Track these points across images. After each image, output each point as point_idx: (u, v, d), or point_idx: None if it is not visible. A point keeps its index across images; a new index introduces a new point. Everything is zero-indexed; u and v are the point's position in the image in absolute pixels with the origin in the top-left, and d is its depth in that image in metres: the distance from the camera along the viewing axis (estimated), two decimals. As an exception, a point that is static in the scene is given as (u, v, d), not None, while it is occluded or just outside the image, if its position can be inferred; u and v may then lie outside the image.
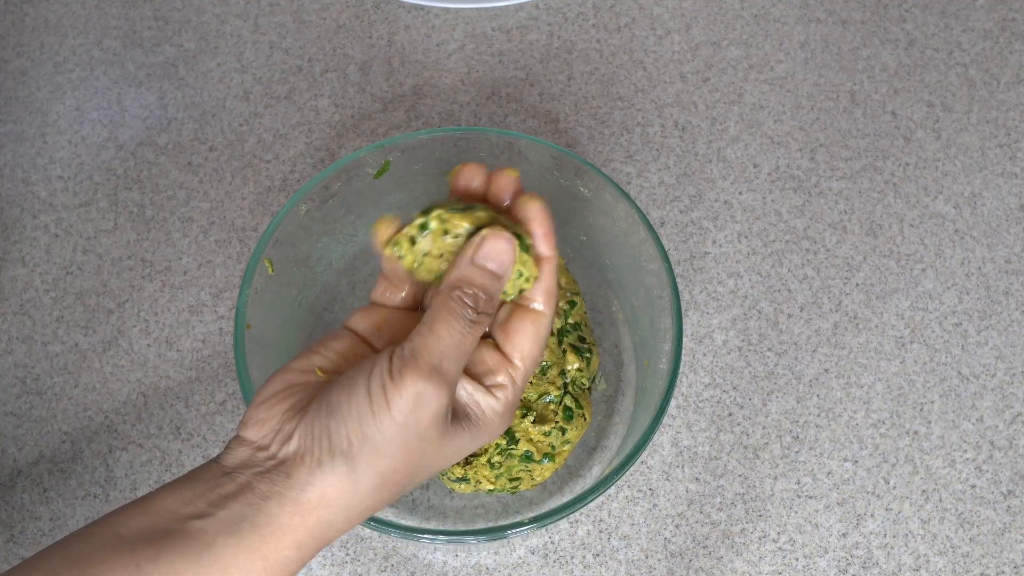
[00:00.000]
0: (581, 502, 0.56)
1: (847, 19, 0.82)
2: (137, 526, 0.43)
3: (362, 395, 0.44)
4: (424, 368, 0.44)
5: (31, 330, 0.70)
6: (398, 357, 0.45)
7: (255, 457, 0.45)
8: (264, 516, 0.43)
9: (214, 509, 0.43)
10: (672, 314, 0.60)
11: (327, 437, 0.44)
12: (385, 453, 0.44)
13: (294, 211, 0.63)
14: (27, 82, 0.79)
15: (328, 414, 0.44)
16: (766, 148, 0.76)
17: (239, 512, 0.43)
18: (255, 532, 0.43)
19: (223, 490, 0.44)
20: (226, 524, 0.43)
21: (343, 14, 0.81)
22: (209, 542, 0.42)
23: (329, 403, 0.45)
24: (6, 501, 0.65)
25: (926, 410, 0.68)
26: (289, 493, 0.43)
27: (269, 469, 0.44)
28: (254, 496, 0.43)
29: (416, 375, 0.44)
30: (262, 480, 0.44)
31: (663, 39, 0.80)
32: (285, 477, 0.44)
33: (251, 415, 0.46)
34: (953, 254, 0.73)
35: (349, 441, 0.44)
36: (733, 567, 0.64)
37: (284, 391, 0.47)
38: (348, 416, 0.44)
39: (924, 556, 0.64)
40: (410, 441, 0.44)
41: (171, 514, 0.43)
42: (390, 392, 0.44)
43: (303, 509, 0.44)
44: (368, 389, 0.44)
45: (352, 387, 0.45)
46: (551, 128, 0.77)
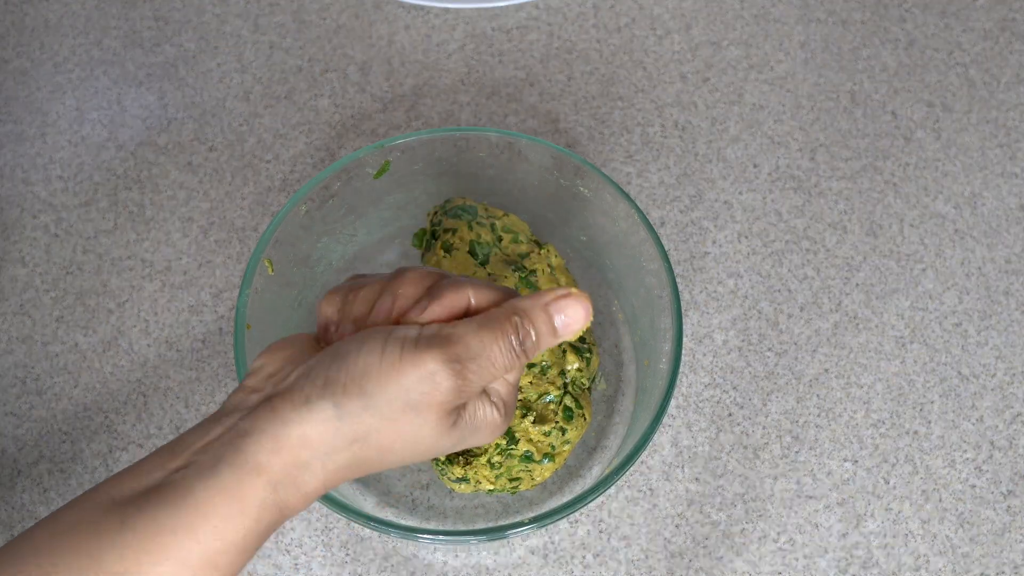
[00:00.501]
0: (581, 502, 0.56)
1: (847, 19, 0.82)
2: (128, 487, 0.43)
3: (374, 350, 0.44)
4: (450, 353, 0.44)
5: (31, 330, 0.70)
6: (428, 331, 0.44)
7: (247, 399, 0.45)
8: (241, 456, 0.43)
9: (197, 456, 0.43)
10: (672, 314, 0.60)
11: (323, 378, 0.44)
12: (377, 411, 0.43)
13: (294, 211, 0.63)
14: (27, 82, 0.79)
15: (332, 359, 0.44)
16: (766, 148, 0.76)
17: (219, 453, 0.43)
18: (231, 472, 0.42)
19: (209, 436, 0.44)
20: (204, 468, 0.42)
21: (343, 14, 0.81)
22: (188, 488, 0.42)
23: (338, 350, 0.44)
24: (6, 501, 0.65)
25: (926, 410, 0.68)
26: (269, 428, 0.43)
27: (256, 406, 0.44)
28: (235, 435, 0.43)
29: (440, 355, 0.43)
30: (246, 419, 0.43)
31: (663, 39, 0.80)
32: (270, 411, 0.43)
33: (254, 364, 0.47)
34: (953, 254, 0.73)
35: (345, 388, 0.43)
36: (733, 567, 0.64)
37: (290, 342, 0.47)
38: (352, 365, 0.43)
39: (924, 556, 0.64)
40: (405, 412, 0.44)
41: (160, 470, 0.43)
42: (406, 358, 0.43)
43: (280, 445, 0.43)
44: (383, 347, 0.44)
45: (365, 341, 0.44)
46: (551, 128, 0.77)
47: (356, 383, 0.43)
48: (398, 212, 0.70)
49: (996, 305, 0.71)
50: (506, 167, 0.67)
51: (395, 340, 0.44)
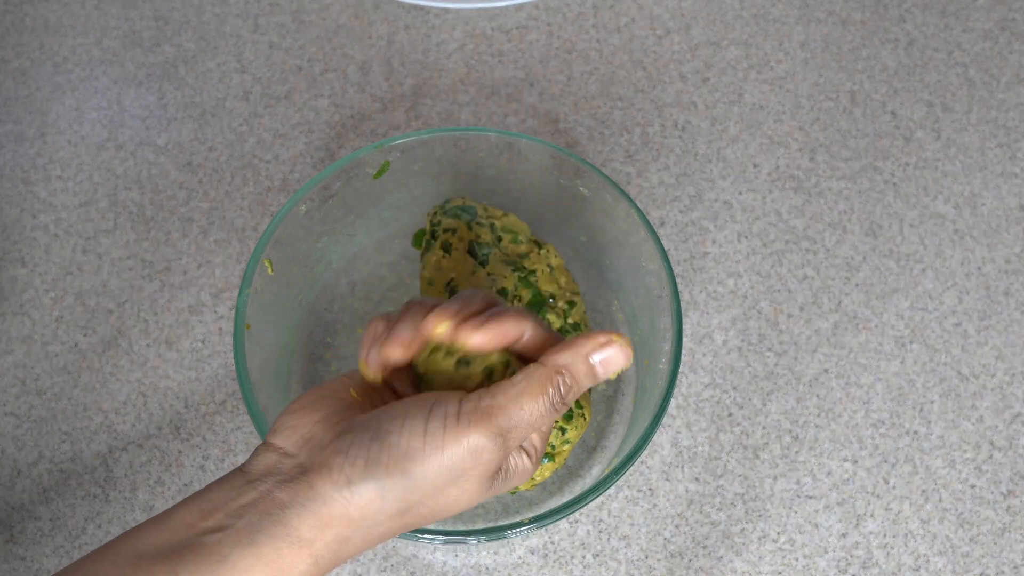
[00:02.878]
0: (581, 502, 0.56)
1: (847, 19, 0.82)
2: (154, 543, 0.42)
3: (417, 431, 0.43)
4: (493, 428, 0.43)
5: (31, 330, 0.70)
6: (471, 404, 0.44)
7: (280, 464, 0.44)
8: (282, 527, 0.42)
9: (232, 520, 0.42)
10: (672, 314, 0.60)
11: (364, 459, 0.43)
12: (420, 490, 0.43)
13: (294, 211, 0.63)
14: (27, 82, 0.79)
15: (372, 437, 0.43)
16: (766, 148, 0.76)
17: (256, 522, 0.42)
18: (271, 544, 0.42)
19: (243, 499, 0.43)
20: (242, 535, 0.42)
21: (343, 14, 0.81)
22: (225, 555, 0.41)
23: (377, 426, 0.44)
24: (6, 501, 0.65)
25: (926, 410, 0.68)
26: (310, 505, 0.42)
27: (292, 477, 0.43)
28: (272, 505, 0.42)
29: (483, 431, 0.43)
30: (283, 488, 0.43)
31: (663, 39, 0.80)
32: (308, 488, 0.43)
33: (281, 422, 0.45)
34: (953, 254, 0.73)
35: (387, 469, 0.43)
36: (733, 567, 0.64)
37: (318, 402, 0.46)
38: (395, 445, 0.43)
39: (924, 556, 0.64)
40: (449, 487, 0.44)
41: (188, 528, 0.42)
42: (449, 436, 0.43)
43: (323, 523, 0.42)
44: (426, 426, 0.43)
45: (407, 418, 0.43)
46: (551, 128, 0.77)
47: (398, 465, 0.43)
48: (398, 212, 0.70)
49: (996, 305, 0.71)
50: (506, 167, 0.67)
51: (437, 417, 0.43)
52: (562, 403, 0.46)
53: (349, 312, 0.70)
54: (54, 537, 0.64)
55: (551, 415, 0.45)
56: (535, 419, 0.45)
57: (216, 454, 0.66)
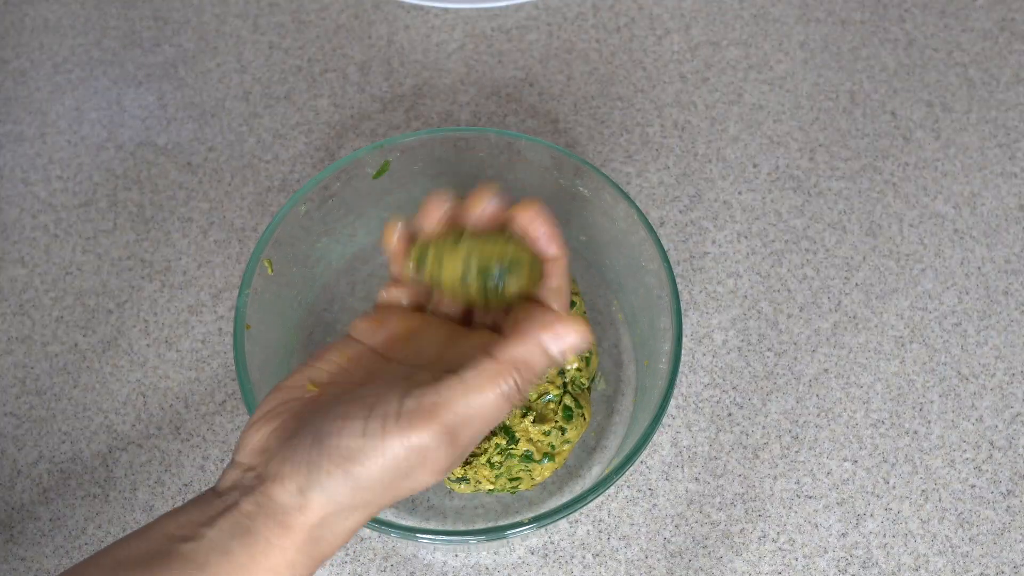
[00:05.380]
0: (581, 502, 0.56)
1: (847, 19, 0.82)
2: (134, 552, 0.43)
3: (356, 431, 0.42)
4: (436, 427, 0.42)
5: (31, 330, 0.70)
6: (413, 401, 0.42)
7: (243, 478, 0.44)
8: (252, 536, 0.43)
9: (204, 530, 0.43)
10: (672, 314, 0.60)
11: (306, 466, 0.43)
12: (368, 489, 0.43)
13: (293, 211, 0.63)
14: (27, 82, 0.79)
15: (313, 443, 0.43)
16: (766, 148, 0.76)
17: (228, 531, 0.43)
18: (245, 551, 0.43)
19: (213, 510, 0.44)
20: (216, 544, 0.43)
21: (342, 14, 0.81)
22: (201, 563, 0.42)
23: (318, 429, 0.43)
24: (6, 501, 0.65)
25: (926, 410, 0.68)
26: (273, 515, 0.43)
27: (253, 488, 0.44)
28: (240, 515, 0.43)
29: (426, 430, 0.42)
30: (247, 500, 0.43)
31: (662, 39, 0.80)
32: (267, 498, 0.43)
33: (243, 438, 0.46)
34: (953, 254, 0.73)
35: (329, 474, 0.42)
36: (733, 567, 0.64)
37: (274, 410, 0.46)
38: (335, 448, 0.42)
39: (924, 556, 0.64)
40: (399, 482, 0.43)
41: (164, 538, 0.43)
42: (390, 435, 0.42)
43: (287, 529, 0.43)
44: (365, 426, 0.42)
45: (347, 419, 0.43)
46: (551, 128, 0.77)
47: (339, 467, 0.42)
48: (398, 212, 0.70)
49: (996, 305, 0.71)
50: (506, 167, 0.67)
51: (376, 418, 0.42)
52: (518, 394, 0.44)
53: (349, 312, 0.70)
54: (54, 537, 0.64)
55: (506, 407, 0.44)
56: (487, 414, 0.43)
57: (216, 454, 0.66)
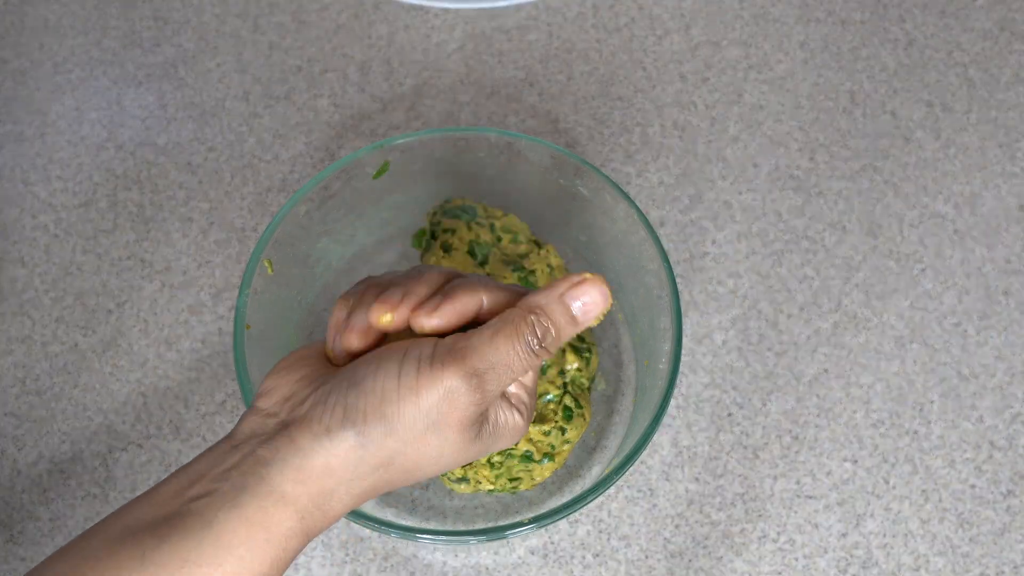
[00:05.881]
0: (581, 502, 0.56)
1: (847, 19, 0.82)
2: (143, 516, 0.42)
3: (391, 373, 0.43)
4: (467, 368, 0.43)
5: (31, 330, 0.70)
6: (443, 347, 0.43)
7: (263, 425, 0.44)
8: (265, 485, 0.42)
9: (216, 484, 0.42)
10: (672, 314, 0.60)
11: (342, 407, 0.43)
12: (399, 436, 0.43)
13: (293, 211, 0.63)
14: (26, 82, 0.79)
15: (349, 384, 0.43)
16: (766, 148, 0.76)
17: (240, 482, 0.42)
18: (255, 502, 0.42)
19: (227, 463, 0.43)
20: (227, 498, 0.42)
21: (342, 14, 0.81)
22: (210, 519, 0.41)
23: (353, 375, 0.44)
24: (6, 501, 0.65)
25: (926, 410, 0.68)
26: (292, 459, 0.42)
27: (274, 434, 0.43)
28: (256, 464, 0.42)
29: (457, 371, 0.43)
30: (265, 447, 0.43)
31: (663, 39, 0.80)
32: (289, 442, 0.43)
33: (265, 385, 0.46)
34: (953, 254, 0.73)
35: (365, 415, 0.42)
36: (733, 567, 0.64)
37: (299, 362, 0.46)
38: (371, 390, 0.43)
39: (924, 556, 0.64)
40: (428, 432, 0.43)
41: (176, 498, 0.42)
42: (423, 378, 0.43)
43: (305, 476, 0.42)
44: (400, 369, 0.43)
45: (381, 364, 0.43)
46: (551, 128, 0.77)
47: (375, 409, 0.43)
48: (398, 212, 0.70)
49: (996, 305, 0.71)
50: (506, 167, 0.67)
51: (411, 360, 0.43)
52: (540, 346, 0.45)
53: (349, 312, 0.69)
54: (54, 537, 0.64)
55: (529, 358, 0.44)
56: (511, 361, 0.44)
57: (216, 454, 0.66)
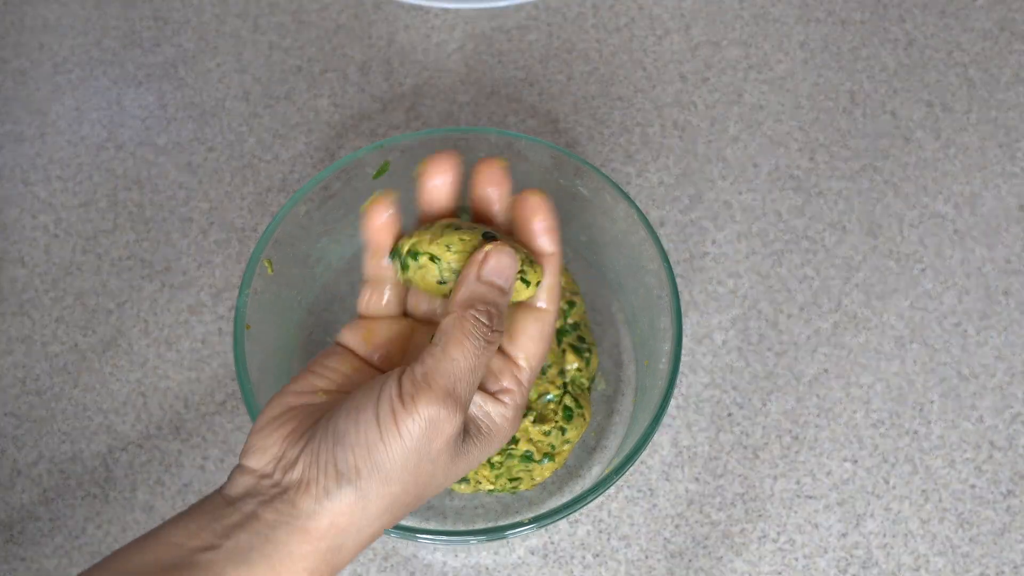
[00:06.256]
0: (581, 502, 0.56)
1: (847, 19, 0.82)
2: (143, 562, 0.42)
3: (370, 420, 0.43)
4: (438, 392, 0.43)
5: (31, 330, 0.70)
6: (409, 380, 0.44)
7: (259, 486, 0.44)
8: (272, 545, 0.42)
9: (221, 540, 0.42)
10: (672, 314, 0.60)
11: (333, 465, 0.43)
12: (395, 479, 0.43)
13: (293, 211, 0.63)
14: (26, 82, 0.79)
15: (335, 441, 0.43)
16: (766, 148, 0.76)
17: (247, 542, 0.42)
18: (265, 562, 0.42)
19: (229, 520, 0.43)
20: (235, 555, 0.42)
21: (342, 14, 0.81)
22: (218, 573, 0.41)
23: (336, 429, 0.44)
24: (6, 501, 0.65)
25: (926, 410, 0.68)
26: (296, 522, 0.43)
27: (274, 497, 0.43)
28: (261, 525, 0.42)
29: (429, 400, 0.43)
30: (267, 509, 0.43)
31: (663, 39, 0.80)
32: (291, 506, 0.43)
33: (251, 443, 0.45)
34: (953, 254, 0.73)
35: (357, 469, 0.43)
36: (733, 567, 0.64)
37: (283, 415, 0.46)
38: (356, 443, 0.43)
39: (924, 556, 0.64)
40: (421, 465, 0.44)
41: (178, 547, 0.42)
42: (400, 416, 0.43)
43: (312, 537, 0.43)
44: (376, 414, 0.43)
45: (359, 412, 0.43)
46: (551, 128, 0.77)
47: (365, 461, 0.43)
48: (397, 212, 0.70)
49: (996, 305, 0.71)
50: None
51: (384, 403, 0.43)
52: (491, 331, 0.45)
53: (349, 312, 0.70)
54: (54, 537, 0.64)
55: (487, 349, 0.45)
56: (472, 363, 0.44)
57: (216, 454, 0.66)
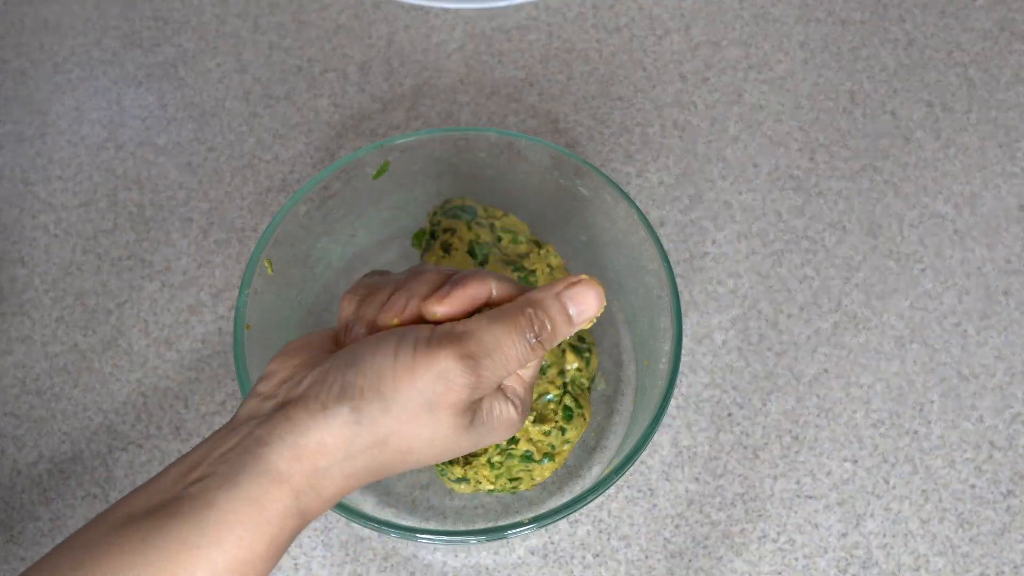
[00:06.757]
0: (581, 502, 0.56)
1: (847, 19, 0.82)
2: (143, 503, 0.42)
3: (388, 352, 0.43)
4: (462, 350, 0.43)
5: (31, 330, 0.70)
6: (441, 330, 0.44)
7: (261, 407, 0.44)
8: (262, 464, 0.42)
9: (215, 467, 0.42)
10: (672, 314, 0.60)
11: (339, 384, 0.43)
12: (394, 413, 0.43)
13: (293, 211, 0.63)
14: (26, 82, 0.79)
15: (347, 365, 0.44)
16: (766, 148, 0.76)
17: (238, 463, 0.42)
18: (254, 481, 0.42)
19: (226, 446, 0.43)
20: (225, 479, 0.42)
21: (342, 14, 0.81)
22: (209, 501, 0.42)
23: (352, 355, 0.44)
24: (6, 501, 0.65)
25: (926, 410, 0.68)
26: (288, 437, 0.43)
27: (271, 414, 0.44)
28: (253, 443, 0.43)
29: (452, 352, 0.43)
30: (263, 427, 0.43)
31: (662, 39, 0.80)
32: (285, 420, 0.43)
33: (268, 368, 0.46)
34: (953, 254, 0.73)
35: (361, 392, 0.43)
36: (733, 567, 0.64)
37: (305, 347, 0.47)
38: (368, 368, 0.43)
39: (924, 556, 0.64)
40: (421, 412, 0.44)
41: (175, 484, 0.43)
42: (419, 358, 0.43)
43: (299, 452, 0.43)
44: (396, 349, 0.44)
45: (379, 344, 0.44)
46: (551, 128, 0.77)
47: (372, 386, 0.43)
48: (398, 212, 0.70)
49: (996, 305, 0.71)
50: (506, 167, 0.67)
51: (408, 340, 0.44)
52: (536, 341, 0.45)
53: (349, 312, 0.70)
54: (54, 537, 0.64)
55: (525, 350, 0.45)
56: (507, 349, 0.45)
57: (216, 454, 0.66)
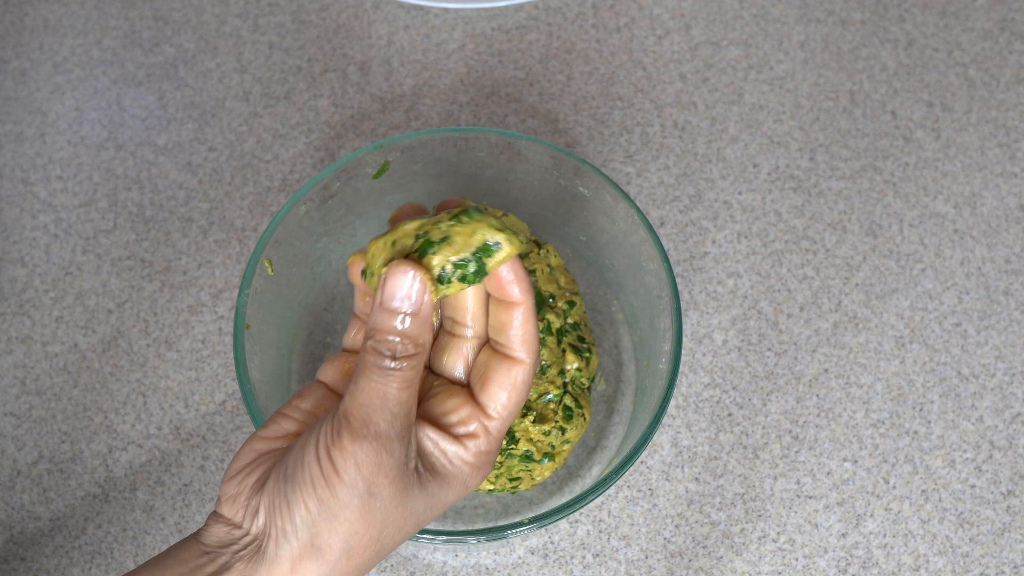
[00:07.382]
0: (581, 502, 0.56)
1: (847, 19, 0.82)
2: None
3: (312, 459, 0.43)
4: (355, 427, 0.43)
5: (31, 330, 0.70)
6: (337, 417, 0.44)
7: (232, 535, 0.45)
8: None
9: None
10: (672, 314, 0.60)
11: (286, 505, 0.43)
12: (343, 517, 0.43)
13: (293, 211, 0.63)
14: (26, 82, 0.79)
15: (285, 481, 0.44)
16: (766, 148, 0.76)
17: None
18: None
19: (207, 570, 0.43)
20: None
21: (342, 14, 0.81)
22: None
23: (285, 470, 0.44)
24: (6, 501, 0.65)
25: (926, 410, 0.68)
26: (262, 570, 0.43)
27: (246, 547, 0.44)
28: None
29: (350, 435, 0.43)
30: (241, 559, 0.44)
31: (663, 39, 0.80)
32: (260, 554, 0.43)
33: (224, 490, 0.46)
34: (953, 254, 0.73)
35: (306, 507, 0.43)
36: (733, 567, 0.64)
37: (253, 463, 0.46)
38: (302, 482, 0.43)
39: (924, 556, 0.64)
40: (365, 503, 0.43)
41: None
42: (334, 455, 0.43)
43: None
44: (317, 453, 0.43)
45: (304, 452, 0.44)
46: (551, 128, 0.77)
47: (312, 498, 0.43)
48: (398, 212, 0.70)
49: (996, 305, 0.71)
50: (506, 167, 0.67)
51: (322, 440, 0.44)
52: (395, 359, 0.44)
53: (349, 312, 0.70)
54: (54, 537, 0.64)
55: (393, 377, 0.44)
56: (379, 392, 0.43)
57: (216, 454, 0.66)
